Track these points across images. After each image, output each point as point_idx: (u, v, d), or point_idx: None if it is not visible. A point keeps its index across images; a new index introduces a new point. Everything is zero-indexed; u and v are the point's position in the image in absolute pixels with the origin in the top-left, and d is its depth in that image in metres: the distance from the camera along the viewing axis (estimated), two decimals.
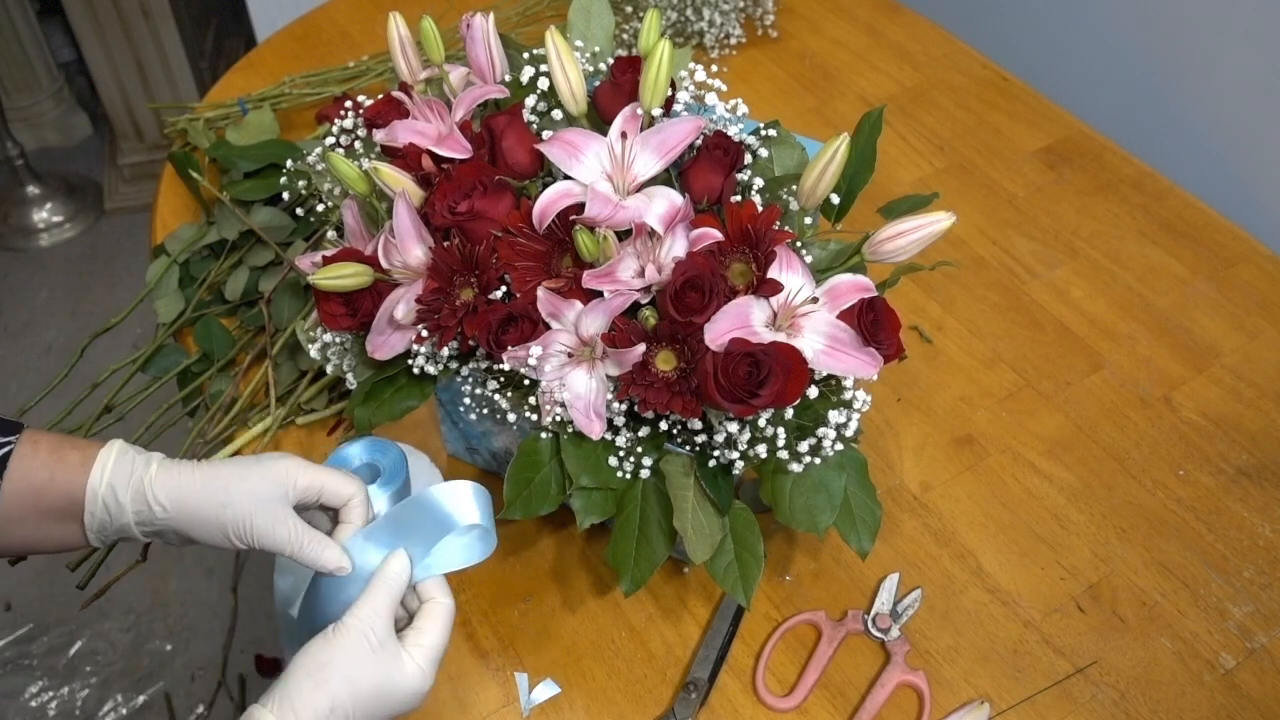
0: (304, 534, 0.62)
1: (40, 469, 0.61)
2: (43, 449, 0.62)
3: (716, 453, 0.71)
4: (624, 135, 0.71)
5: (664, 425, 0.72)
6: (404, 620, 0.63)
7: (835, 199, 0.74)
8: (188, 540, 0.63)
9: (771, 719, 0.78)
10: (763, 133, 0.77)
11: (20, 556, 0.90)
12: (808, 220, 0.74)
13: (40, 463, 0.61)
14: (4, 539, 0.61)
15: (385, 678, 0.59)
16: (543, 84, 0.76)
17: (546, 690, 0.79)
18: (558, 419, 0.71)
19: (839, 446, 0.70)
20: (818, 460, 0.70)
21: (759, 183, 0.74)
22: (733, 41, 1.33)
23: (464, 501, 0.63)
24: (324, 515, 0.66)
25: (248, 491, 0.62)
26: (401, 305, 0.73)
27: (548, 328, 0.70)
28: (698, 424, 0.70)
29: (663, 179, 0.72)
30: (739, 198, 0.74)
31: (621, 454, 0.72)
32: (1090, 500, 0.91)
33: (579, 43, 0.82)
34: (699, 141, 0.74)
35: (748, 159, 0.75)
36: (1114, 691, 0.79)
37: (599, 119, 0.75)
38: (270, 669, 1.47)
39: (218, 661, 1.65)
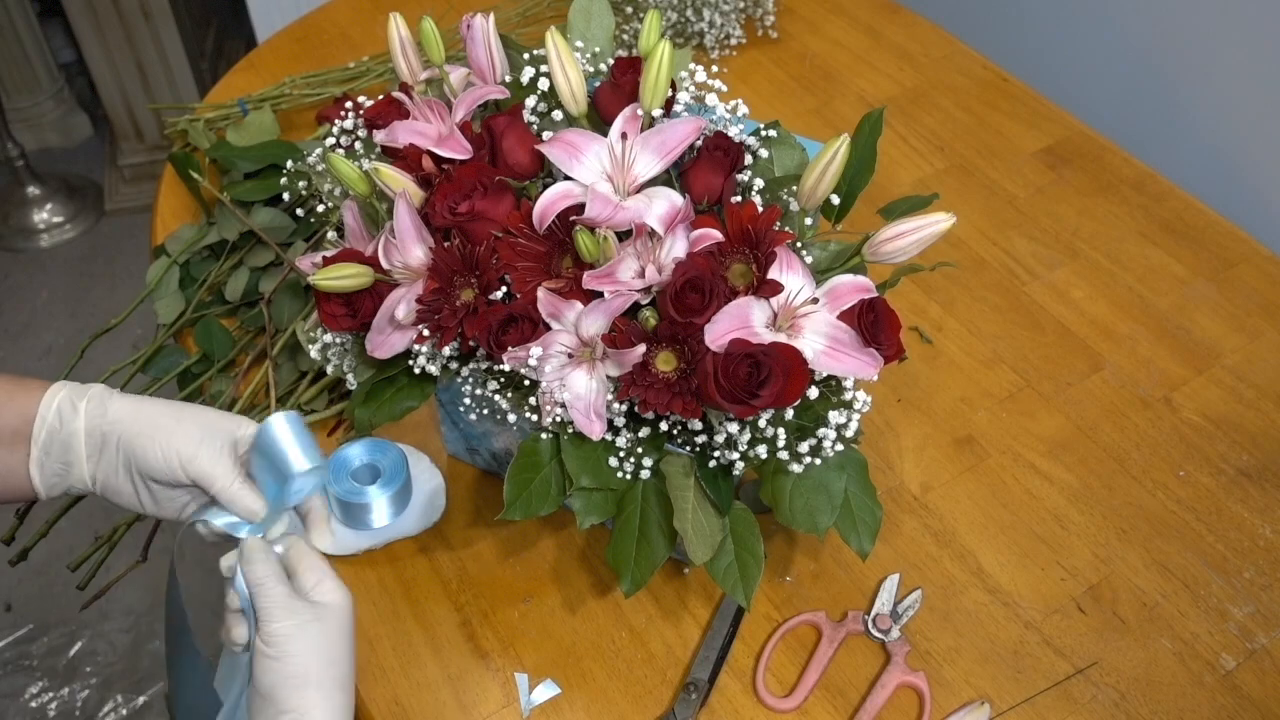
0: (238, 476, 0.63)
1: None
2: (3, 378, 0.62)
3: (717, 453, 0.71)
4: (624, 136, 0.71)
5: (664, 426, 0.72)
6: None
7: (835, 200, 0.74)
8: (124, 466, 0.63)
9: None
10: (763, 133, 0.77)
11: (23, 554, 0.90)
12: (808, 221, 0.74)
13: None
14: None
15: (320, 634, 0.59)
16: (543, 85, 0.76)
17: (547, 691, 0.79)
18: (558, 419, 0.71)
19: (839, 447, 0.70)
20: (818, 461, 0.70)
21: (759, 183, 0.74)
22: (733, 42, 1.33)
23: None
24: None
25: (205, 421, 0.63)
26: (402, 305, 0.73)
27: (548, 328, 0.70)
28: (698, 425, 0.70)
29: (663, 180, 0.72)
30: (739, 198, 0.74)
31: (622, 455, 0.72)
32: (1090, 501, 0.91)
33: (579, 43, 0.82)
34: (699, 142, 0.74)
35: (748, 160, 0.75)
36: (1114, 692, 0.79)
37: (599, 120, 0.75)
38: None
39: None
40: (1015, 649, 0.82)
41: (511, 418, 0.73)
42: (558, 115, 0.77)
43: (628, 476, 0.73)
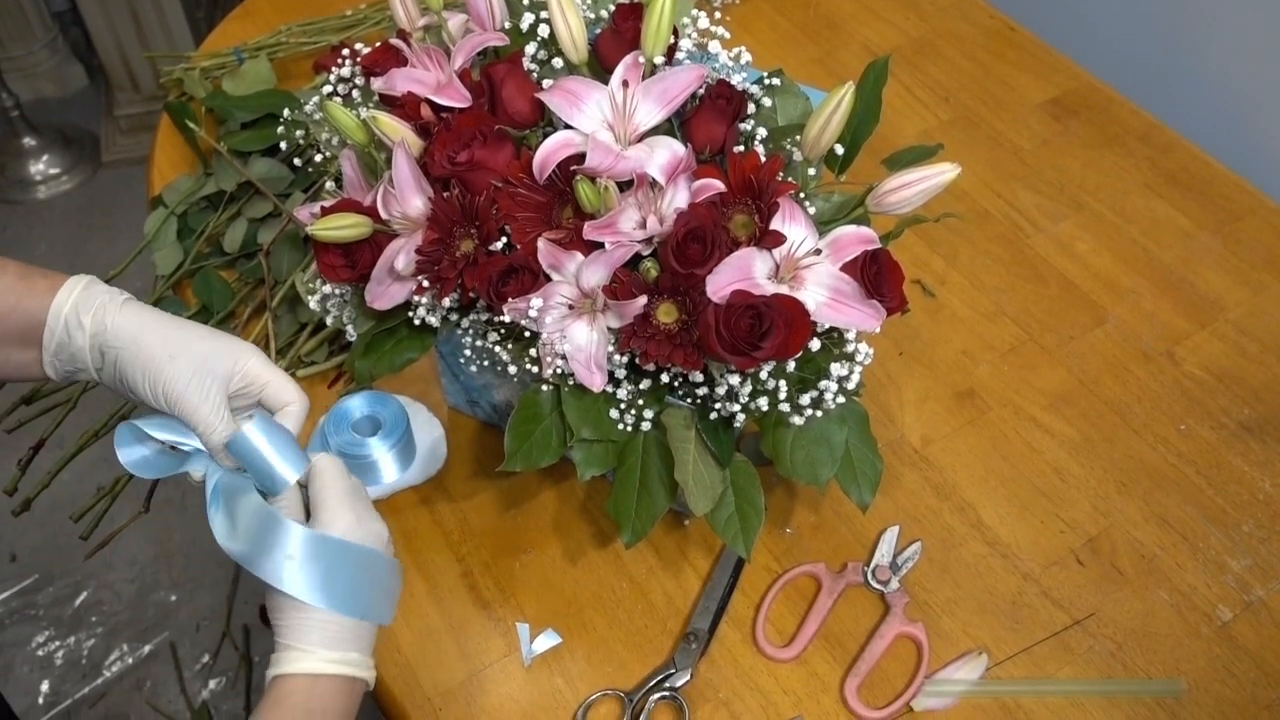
0: (223, 424, 0.62)
1: (6, 293, 0.62)
2: (10, 273, 0.63)
3: (718, 405, 0.71)
4: (625, 84, 0.70)
5: (665, 378, 0.71)
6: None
7: (839, 150, 0.73)
8: (121, 383, 0.64)
9: (771, 669, 0.79)
10: (766, 82, 0.76)
11: (26, 504, 0.90)
12: (811, 171, 0.73)
13: (6, 286, 0.62)
14: None
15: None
16: (543, 31, 0.75)
17: (548, 640, 0.80)
18: (558, 371, 0.71)
19: (840, 399, 0.70)
20: (819, 413, 0.70)
21: (762, 133, 0.73)
22: None
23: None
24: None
25: (200, 354, 0.63)
26: (402, 256, 0.72)
27: (548, 279, 0.69)
28: (699, 377, 0.70)
29: (665, 129, 0.71)
30: (742, 148, 0.73)
31: (623, 406, 0.72)
32: (1091, 454, 0.91)
33: None
34: (701, 91, 0.73)
35: (751, 108, 0.74)
36: (1111, 643, 0.80)
37: (600, 67, 0.74)
38: None
39: (222, 612, 1.67)
40: (1013, 600, 0.82)
41: (512, 369, 0.73)
42: (558, 63, 0.76)
43: (628, 428, 0.73)
